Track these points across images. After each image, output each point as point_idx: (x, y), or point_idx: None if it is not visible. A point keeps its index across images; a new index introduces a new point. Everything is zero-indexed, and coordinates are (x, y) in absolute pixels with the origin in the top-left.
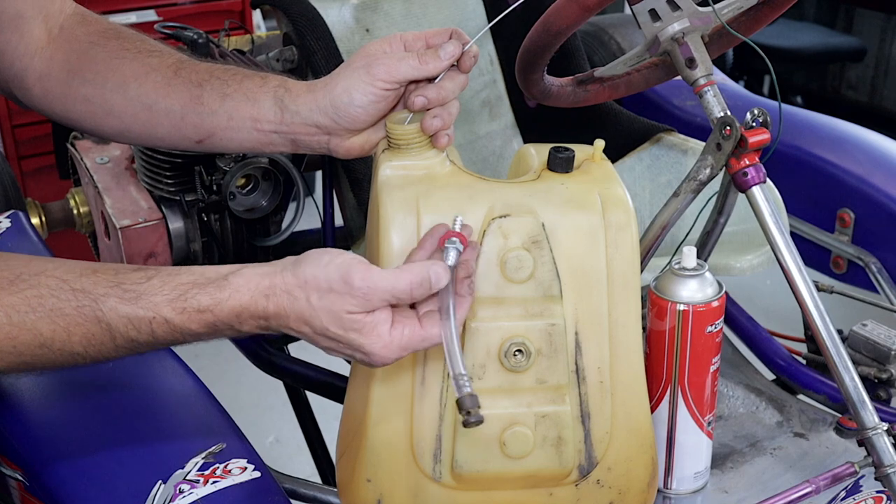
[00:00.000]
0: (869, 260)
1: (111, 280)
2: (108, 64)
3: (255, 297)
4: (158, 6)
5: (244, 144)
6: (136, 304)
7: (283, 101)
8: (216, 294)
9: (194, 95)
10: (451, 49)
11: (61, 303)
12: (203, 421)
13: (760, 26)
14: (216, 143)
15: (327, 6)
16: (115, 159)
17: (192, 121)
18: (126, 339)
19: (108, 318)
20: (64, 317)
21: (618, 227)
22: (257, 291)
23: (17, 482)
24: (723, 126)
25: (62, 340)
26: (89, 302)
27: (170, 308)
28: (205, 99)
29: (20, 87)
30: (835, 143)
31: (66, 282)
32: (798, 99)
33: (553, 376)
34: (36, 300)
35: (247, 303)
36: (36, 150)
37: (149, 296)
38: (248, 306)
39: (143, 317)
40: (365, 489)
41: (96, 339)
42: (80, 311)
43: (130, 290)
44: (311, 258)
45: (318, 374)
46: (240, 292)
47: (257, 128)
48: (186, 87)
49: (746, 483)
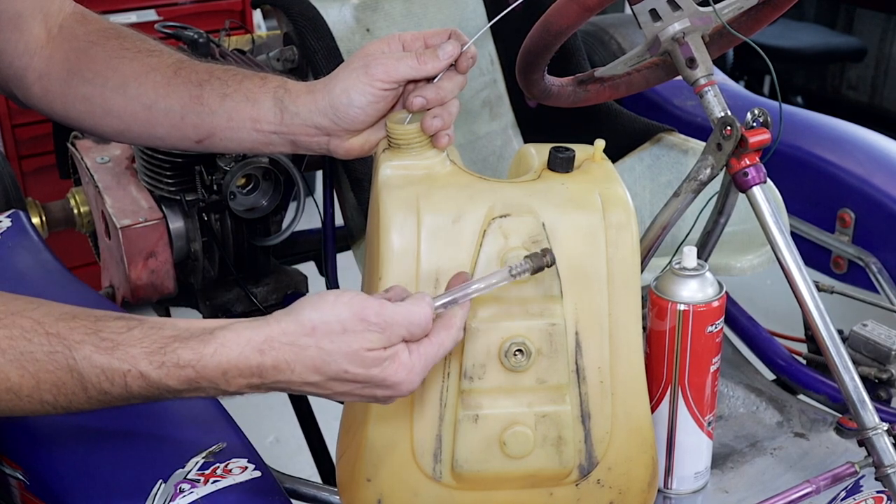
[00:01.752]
0: (869, 260)
1: (89, 327)
2: (107, 63)
3: (246, 353)
4: (158, 6)
5: (244, 144)
6: (111, 355)
7: (283, 102)
8: (199, 348)
9: (194, 95)
10: (450, 49)
11: (33, 346)
12: (203, 420)
13: (761, 26)
14: (216, 143)
15: (327, 6)
16: (115, 159)
17: (192, 121)
18: (98, 391)
19: (80, 368)
20: (34, 362)
21: (618, 227)
22: (248, 346)
23: (18, 481)
24: (723, 126)
25: (30, 387)
26: (62, 348)
27: (147, 361)
28: (205, 99)
29: (20, 87)
30: (835, 143)
31: (41, 324)
32: (798, 99)
33: (553, 376)
34: (6, 342)
35: (235, 359)
36: (36, 150)
37: (126, 346)
38: (236, 363)
39: (117, 368)
40: (365, 489)
41: (67, 388)
42: (52, 358)
43: (108, 339)
44: (309, 304)
45: None
46: (227, 347)
47: (257, 128)
48: (186, 87)
49: (746, 483)
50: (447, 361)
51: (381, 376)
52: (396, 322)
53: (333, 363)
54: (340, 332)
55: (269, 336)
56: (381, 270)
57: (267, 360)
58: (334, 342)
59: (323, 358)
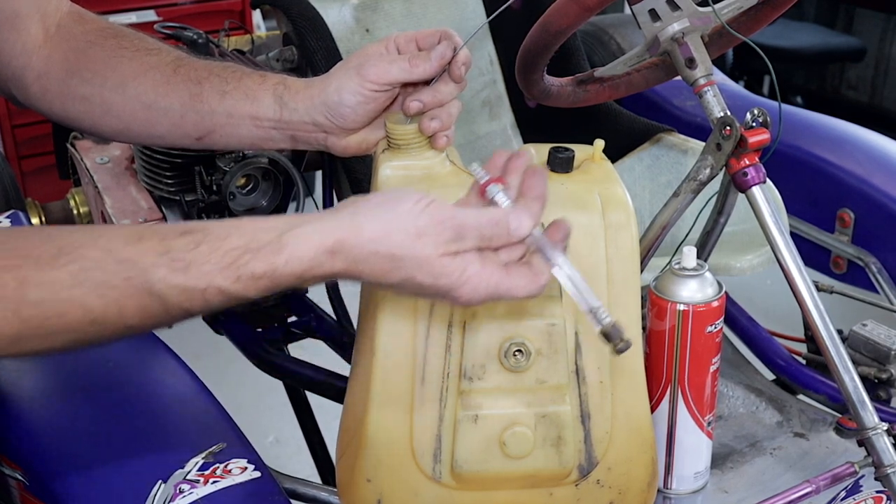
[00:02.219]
0: (869, 260)
1: (158, 248)
2: (106, 63)
3: (318, 257)
4: (158, 6)
5: (244, 141)
6: (186, 275)
7: (283, 99)
8: (271, 259)
9: (193, 93)
10: (442, 51)
11: (108, 276)
12: (203, 421)
13: (760, 26)
14: (216, 141)
15: (327, 6)
16: (115, 159)
17: (192, 118)
18: (180, 310)
19: (158, 290)
20: (113, 289)
21: (617, 227)
22: (320, 250)
23: (17, 482)
24: (723, 126)
25: (114, 315)
26: (137, 273)
27: (222, 277)
28: (204, 97)
29: (18, 87)
30: (835, 143)
31: (110, 252)
32: (798, 99)
33: (553, 376)
34: (82, 274)
35: (308, 264)
36: (36, 150)
37: (198, 265)
38: (309, 267)
39: (194, 287)
40: (365, 489)
41: (149, 310)
42: (130, 283)
43: (179, 260)
44: (379, 205)
45: (318, 374)
46: (298, 254)
47: (257, 125)
48: (185, 85)
49: (746, 483)
50: (447, 361)
51: (448, 286)
52: (470, 225)
53: (403, 270)
54: (415, 237)
55: (341, 238)
56: None
57: (338, 264)
58: (406, 248)
59: (394, 264)
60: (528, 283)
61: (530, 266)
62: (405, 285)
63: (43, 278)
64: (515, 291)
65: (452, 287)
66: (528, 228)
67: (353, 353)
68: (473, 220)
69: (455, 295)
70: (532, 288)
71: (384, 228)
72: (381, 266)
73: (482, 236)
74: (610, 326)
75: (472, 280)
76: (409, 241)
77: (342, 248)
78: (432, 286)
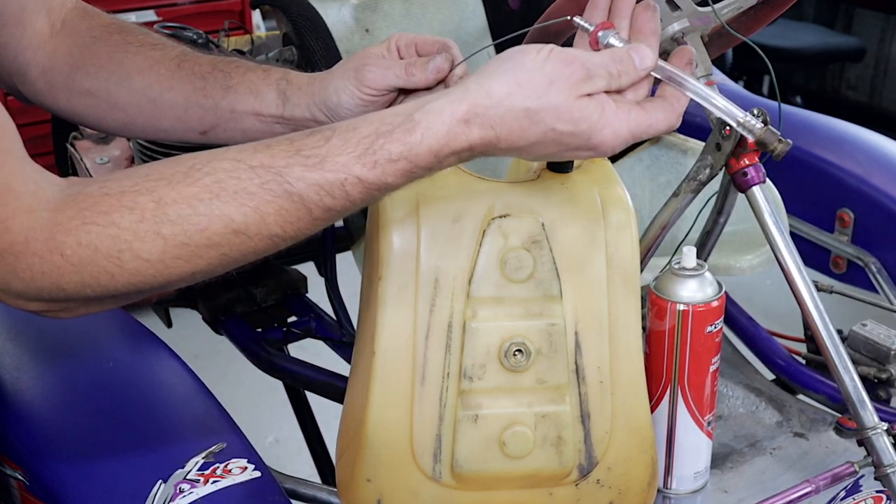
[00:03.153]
0: (868, 260)
1: (288, 149)
2: (111, 58)
3: (453, 129)
4: (158, 6)
5: (247, 136)
6: (322, 169)
7: (286, 94)
8: (406, 138)
9: (197, 88)
10: (439, 64)
11: (244, 183)
12: (203, 421)
13: (760, 26)
14: (219, 135)
15: (327, 6)
16: (114, 160)
17: (196, 113)
18: (321, 208)
19: (297, 190)
20: (251, 196)
21: (617, 227)
22: (453, 121)
23: (18, 482)
24: (722, 126)
25: (256, 223)
26: (273, 176)
27: (360, 165)
28: (208, 91)
29: (23, 82)
30: (834, 143)
31: (241, 161)
32: (798, 99)
33: (553, 376)
34: (217, 186)
35: (444, 137)
36: (35, 151)
37: (333, 157)
38: (446, 141)
39: (333, 180)
40: (365, 489)
41: (291, 214)
42: (267, 188)
43: (312, 156)
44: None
45: (318, 375)
46: (433, 129)
47: (260, 120)
48: (190, 80)
49: (746, 483)
50: (447, 361)
51: (588, 133)
52: (597, 63)
53: (540, 122)
54: (547, 85)
55: (473, 103)
56: (381, 271)
57: (474, 132)
58: (543, 98)
59: (530, 118)
60: (666, 114)
61: (664, 98)
62: (545, 140)
63: (179, 194)
64: (657, 125)
65: (594, 130)
66: (652, 60)
67: (353, 354)
68: (598, 59)
69: (598, 140)
70: (672, 118)
71: (513, 83)
72: (519, 123)
73: (610, 74)
74: (763, 132)
75: (612, 121)
76: (542, 91)
77: (476, 114)
78: (572, 133)
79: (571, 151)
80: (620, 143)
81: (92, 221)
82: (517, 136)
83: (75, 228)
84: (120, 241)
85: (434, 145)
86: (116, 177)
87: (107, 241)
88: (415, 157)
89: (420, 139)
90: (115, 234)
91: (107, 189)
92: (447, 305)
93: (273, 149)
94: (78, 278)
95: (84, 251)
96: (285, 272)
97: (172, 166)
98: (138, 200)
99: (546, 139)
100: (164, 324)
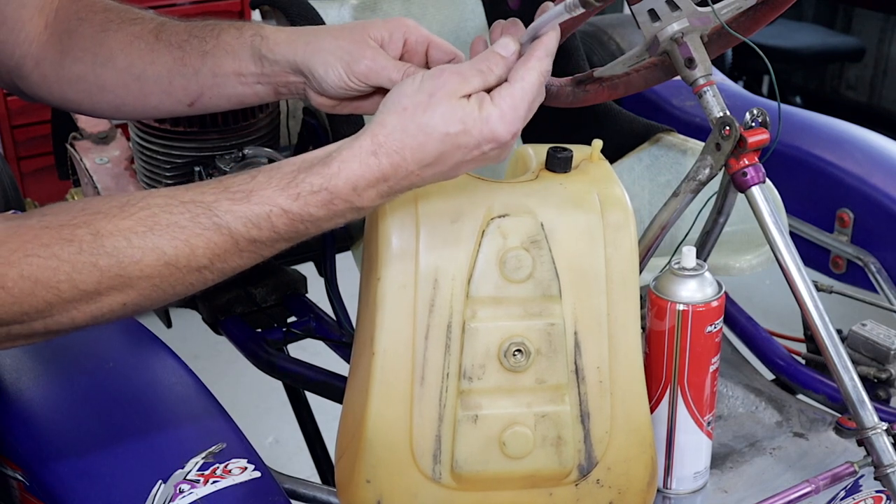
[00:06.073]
0: (868, 260)
1: (217, 187)
2: (94, 38)
3: (364, 161)
4: (158, 6)
5: (232, 100)
6: (249, 202)
7: (261, 51)
8: (324, 171)
9: (177, 58)
10: None
11: (175, 217)
12: (203, 421)
13: (760, 26)
14: (206, 103)
15: (327, 6)
16: (114, 159)
17: (180, 83)
18: (248, 241)
19: (224, 222)
20: (182, 229)
21: (616, 227)
22: (363, 153)
23: (18, 482)
24: (722, 126)
25: (186, 256)
26: (202, 210)
27: (283, 197)
28: (187, 59)
29: (21, 77)
30: (834, 143)
31: (173, 197)
32: (797, 99)
33: (552, 376)
34: (150, 220)
35: (358, 170)
36: (35, 151)
37: (259, 191)
38: (362, 174)
39: (259, 213)
40: (364, 489)
41: (219, 247)
42: (197, 221)
43: (239, 191)
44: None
45: (318, 375)
46: (347, 161)
47: (241, 81)
48: (169, 51)
49: (746, 483)
50: (447, 361)
51: (479, 126)
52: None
53: (435, 131)
54: (428, 98)
55: (374, 135)
56: (380, 271)
57: (383, 162)
58: (426, 110)
59: (424, 131)
60: (535, 62)
61: (528, 55)
62: (448, 149)
63: (116, 227)
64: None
65: (482, 122)
66: (513, 44)
67: (353, 354)
68: (468, 64)
69: (490, 130)
70: (534, 65)
71: (400, 110)
72: (416, 140)
73: (481, 71)
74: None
75: (493, 109)
76: (425, 105)
77: (379, 144)
78: (465, 132)
79: (479, 152)
80: (516, 118)
81: (34, 253)
82: (421, 154)
83: (17, 261)
84: (59, 272)
85: (351, 177)
86: (54, 210)
87: (47, 273)
88: (334, 188)
89: (337, 170)
90: (56, 265)
91: (46, 222)
92: (446, 306)
93: (203, 187)
94: (18, 309)
95: (25, 283)
96: (285, 272)
97: (108, 202)
98: (76, 233)
99: (447, 147)
100: (164, 324)
